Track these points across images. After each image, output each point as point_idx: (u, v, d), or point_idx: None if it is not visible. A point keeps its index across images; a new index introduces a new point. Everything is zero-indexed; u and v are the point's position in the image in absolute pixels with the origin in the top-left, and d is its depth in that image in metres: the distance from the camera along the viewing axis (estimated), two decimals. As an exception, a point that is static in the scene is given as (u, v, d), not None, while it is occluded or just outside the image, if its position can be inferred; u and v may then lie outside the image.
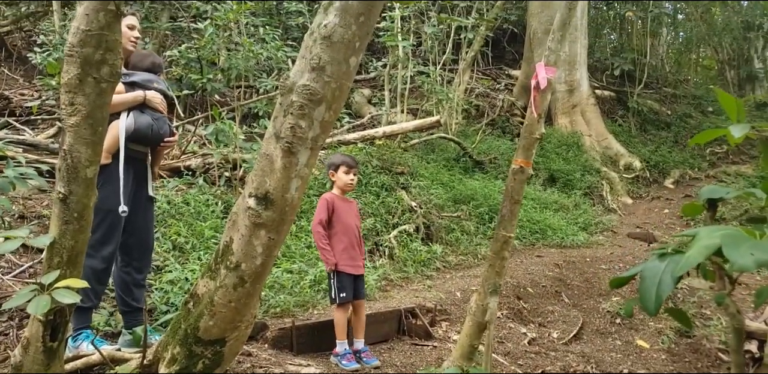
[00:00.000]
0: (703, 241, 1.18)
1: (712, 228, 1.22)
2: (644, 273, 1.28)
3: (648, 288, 1.25)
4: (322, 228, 3.42)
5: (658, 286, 1.23)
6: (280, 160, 2.08)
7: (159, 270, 4.07)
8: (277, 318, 3.75)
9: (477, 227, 6.60)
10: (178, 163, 6.13)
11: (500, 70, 13.84)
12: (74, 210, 1.94)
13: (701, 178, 10.94)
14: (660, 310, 1.26)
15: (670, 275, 1.23)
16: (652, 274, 1.27)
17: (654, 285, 1.24)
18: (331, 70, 2.03)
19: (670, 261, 1.26)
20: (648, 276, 1.27)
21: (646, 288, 1.25)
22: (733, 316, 1.38)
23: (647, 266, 1.29)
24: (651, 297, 1.23)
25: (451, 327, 4.25)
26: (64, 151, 1.92)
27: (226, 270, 2.17)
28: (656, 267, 1.27)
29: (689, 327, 1.37)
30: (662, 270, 1.25)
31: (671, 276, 1.22)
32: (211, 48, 6.30)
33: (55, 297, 1.72)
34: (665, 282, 1.23)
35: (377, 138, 6.86)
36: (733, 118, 1.54)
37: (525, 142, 2.30)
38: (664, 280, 1.23)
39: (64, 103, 1.90)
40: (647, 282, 1.26)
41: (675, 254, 1.29)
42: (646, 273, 1.28)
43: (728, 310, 1.38)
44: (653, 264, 1.29)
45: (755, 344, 4.33)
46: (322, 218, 3.42)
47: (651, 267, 1.29)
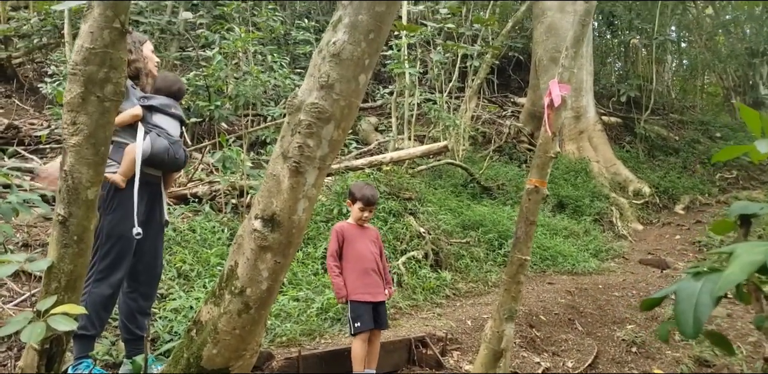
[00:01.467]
0: (743, 258, 1.09)
1: (752, 244, 1.14)
2: (680, 294, 1.19)
3: (685, 311, 1.15)
4: (333, 259, 3.37)
5: (696, 308, 1.14)
6: (287, 180, 2.01)
7: (163, 298, 3.98)
8: (283, 347, 3.62)
9: (487, 253, 6.48)
10: (185, 191, 6.09)
11: (506, 97, 13.91)
12: (74, 233, 1.87)
13: (712, 204, 10.80)
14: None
15: (708, 295, 1.13)
16: (688, 295, 1.17)
17: (691, 306, 1.15)
18: (340, 87, 1.99)
19: (706, 281, 1.18)
20: (684, 298, 1.17)
21: (683, 310, 1.16)
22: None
23: (682, 286, 1.20)
24: (689, 320, 1.13)
25: (463, 357, 4.10)
26: (65, 172, 1.86)
27: (230, 295, 2.08)
28: (692, 287, 1.18)
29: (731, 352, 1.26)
30: (699, 290, 1.16)
31: (710, 296, 1.13)
32: (218, 76, 6.33)
33: (50, 325, 1.63)
34: (703, 304, 1.14)
35: (385, 164, 6.81)
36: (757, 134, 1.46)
37: (539, 161, 2.23)
38: (701, 301, 1.14)
39: (66, 122, 1.86)
40: (684, 303, 1.17)
41: (711, 273, 1.20)
42: (682, 294, 1.18)
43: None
44: (688, 284, 1.20)
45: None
46: (334, 249, 3.38)
47: (686, 287, 1.19)
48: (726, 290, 1.08)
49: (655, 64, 14.34)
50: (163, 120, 3.13)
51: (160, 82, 3.25)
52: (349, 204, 3.51)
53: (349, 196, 3.50)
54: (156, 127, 3.09)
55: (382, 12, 1.98)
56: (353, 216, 3.49)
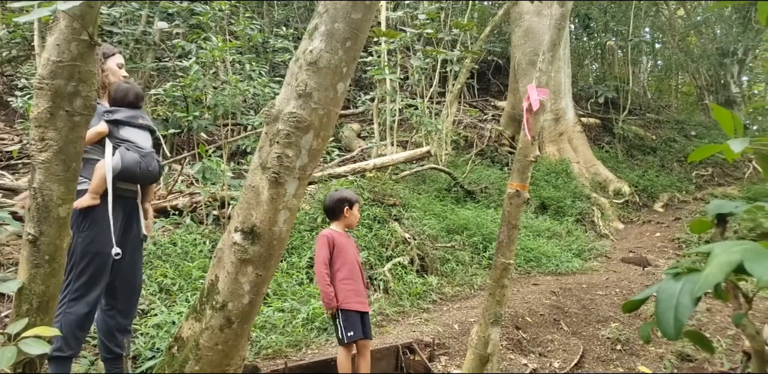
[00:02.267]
0: (721, 257, 1.09)
1: (729, 244, 1.14)
2: (660, 295, 1.18)
3: (665, 311, 1.15)
4: (325, 266, 3.25)
5: (676, 309, 1.14)
6: (266, 191, 1.99)
7: (144, 313, 3.91)
8: (268, 359, 3.58)
9: (472, 257, 6.48)
10: (165, 203, 6.01)
11: (486, 101, 13.99)
12: (45, 253, 1.81)
13: (689, 201, 10.96)
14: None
15: (688, 296, 1.13)
16: (668, 296, 1.17)
17: (671, 307, 1.15)
18: (318, 96, 1.97)
19: (686, 281, 1.18)
20: (664, 298, 1.17)
21: (663, 310, 1.16)
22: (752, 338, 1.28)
23: (662, 287, 1.20)
24: (669, 321, 1.13)
25: (451, 362, 4.09)
26: (35, 190, 1.81)
27: (211, 310, 2.05)
28: (672, 288, 1.18)
29: (711, 351, 1.27)
30: (679, 291, 1.16)
31: (690, 296, 1.13)
32: (196, 85, 6.27)
33: (22, 348, 1.58)
34: (683, 304, 1.13)
35: (368, 170, 6.80)
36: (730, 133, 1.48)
37: (519, 165, 2.23)
38: (682, 302, 1.14)
39: (34, 138, 1.81)
40: (664, 304, 1.16)
41: (690, 273, 1.20)
42: (662, 295, 1.18)
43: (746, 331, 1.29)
44: (668, 285, 1.20)
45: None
46: (324, 256, 3.25)
47: (666, 288, 1.19)
48: (705, 290, 1.07)
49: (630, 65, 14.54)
50: (131, 133, 3.06)
51: (114, 93, 3.11)
52: (348, 211, 3.40)
53: (344, 203, 3.39)
54: (125, 140, 3.02)
55: (359, 19, 1.97)
56: (353, 220, 3.43)
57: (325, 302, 3.23)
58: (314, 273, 4.94)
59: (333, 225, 3.45)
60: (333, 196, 3.46)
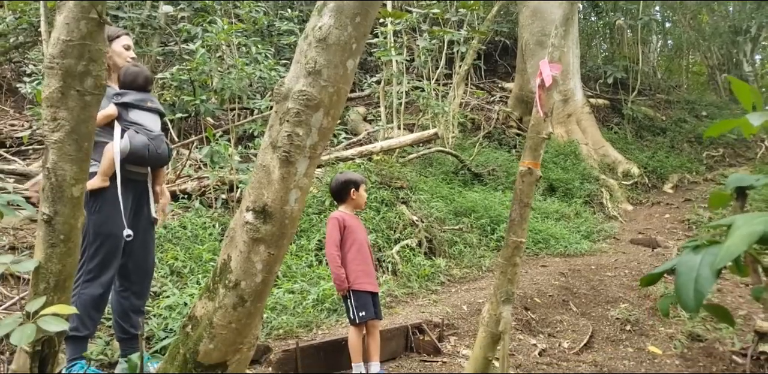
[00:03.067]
0: (743, 229, 1.08)
1: (751, 215, 1.12)
2: (680, 268, 1.18)
3: (685, 284, 1.15)
4: (336, 248, 3.26)
5: (696, 281, 1.13)
6: (277, 170, 1.97)
7: (157, 295, 3.95)
8: (280, 340, 3.61)
9: (480, 239, 6.49)
10: (174, 187, 6.03)
11: (493, 83, 13.87)
12: (60, 232, 1.82)
13: (699, 182, 10.89)
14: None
15: (708, 268, 1.13)
16: (688, 269, 1.16)
17: (691, 280, 1.14)
18: (327, 73, 1.94)
19: (706, 254, 1.17)
20: (684, 271, 1.16)
21: (683, 283, 1.15)
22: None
23: (682, 260, 1.19)
24: (689, 294, 1.13)
25: (460, 342, 4.11)
26: (48, 170, 1.81)
27: (224, 289, 2.05)
28: (692, 260, 1.17)
29: (732, 324, 1.26)
30: (699, 264, 1.15)
31: (710, 269, 1.12)
32: (203, 69, 6.24)
33: (41, 326, 1.59)
34: (704, 277, 1.13)
35: (375, 153, 6.78)
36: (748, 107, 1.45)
37: (531, 142, 2.21)
38: (702, 274, 1.13)
39: (46, 118, 1.81)
40: (684, 277, 1.16)
41: (710, 246, 1.19)
42: (682, 268, 1.17)
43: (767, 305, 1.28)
44: (688, 258, 1.19)
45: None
46: (336, 238, 3.27)
47: (686, 261, 1.18)
48: (727, 262, 1.06)
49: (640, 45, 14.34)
50: (140, 116, 3.06)
51: (123, 76, 3.11)
52: (354, 193, 3.38)
53: (352, 185, 3.39)
54: (134, 123, 3.02)
55: (368, -6, 1.93)
56: (361, 202, 3.44)
57: (336, 284, 3.25)
58: (325, 255, 4.98)
59: (342, 208, 3.45)
60: (338, 179, 3.46)
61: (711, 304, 1.26)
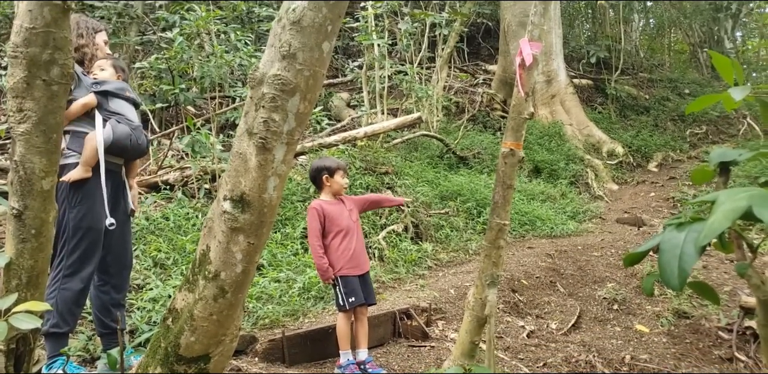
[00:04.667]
0: (726, 205, 1.05)
1: (734, 191, 1.10)
2: (663, 245, 1.15)
3: (669, 262, 1.12)
4: (317, 238, 3.23)
5: (680, 259, 1.11)
6: (254, 157, 1.93)
7: (140, 288, 3.89)
8: (266, 329, 3.59)
9: (466, 222, 6.48)
10: (155, 178, 5.94)
11: (477, 65, 13.80)
12: (31, 227, 1.76)
13: (683, 160, 10.95)
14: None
15: (692, 245, 1.10)
16: (671, 246, 1.14)
17: (675, 257, 1.12)
18: (303, 57, 1.89)
19: (689, 231, 1.14)
20: (667, 249, 1.14)
21: (667, 261, 1.13)
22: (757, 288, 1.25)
23: (665, 238, 1.17)
24: (674, 272, 1.11)
25: (448, 326, 4.11)
26: (16, 163, 1.75)
27: (204, 280, 2.01)
28: (675, 238, 1.15)
29: (716, 302, 1.25)
30: (683, 241, 1.13)
31: (694, 246, 1.10)
32: (181, 57, 6.12)
33: (13, 324, 1.55)
34: (688, 254, 1.10)
35: (359, 138, 6.72)
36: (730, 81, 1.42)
37: (513, 122, 2.18)
38: (686, 252, 1.11)
39: (12, 109, 1.74)
40: (667, 254, 1.13)
41: (694, 222, 1.17)
42: (665, 245, 1.15)
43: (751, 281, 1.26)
44: (671, 235, 1.16)
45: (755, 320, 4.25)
46: (316, 228, 3.23)
47: (669, 238, 1.16)
48: (711, 238, 1.04)
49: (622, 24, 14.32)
50: (120, 105, 3.00)
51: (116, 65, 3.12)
52: (327, 180, 3.35)
53: (324, 171, 3.35)
54: (114, 113, 2.95)
55: (341, -27, 1.88)
56: (337, 188, 3.37)
57: (320, 274, 3.23)
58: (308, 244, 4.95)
59: (322, 195, 3.42)
60: (313, 165, 3.44)
61: (695, 282, 1.25)
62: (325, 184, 3.36)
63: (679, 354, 3.92)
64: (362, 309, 3.30)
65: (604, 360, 3.68)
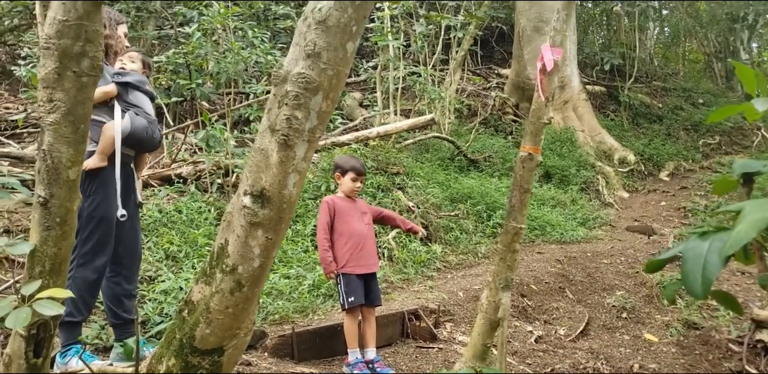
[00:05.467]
0: (753, 215, 1.06)
1: (761, 202, 1.11)
2: (686, 254, 1.16)
3: (692, 271, 1.13)
4: (324, 232, 3.26)
5: (704, 268, 1.12)
6: (275, 154, 1.95)
7: (152, 280, 3.93)
8: (276, 325, 3.61)
9: (476, 225, 6.48)
10: (169, 172, 5.99)
11: (490, 69, 13.78)
12: (56, 215, 1.79)
13: (695, 170, 10.88)
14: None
15: (717, 255, 1.11)
16: (695, 255, 1.15)
17: (699, 266, 1.13)
18: (327, 56, 1.91)
19: (714, 240, 1.15)
20: (691, 258, 1.15)
21: (690, 270, 1.13)
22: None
23: (688, 246, 1.18)
24: (697, 280, 1.11)
25: (456, 328, 4.12)
26: (44, 152, 1.78)
27: (221, 274, 2.03)
28: (699, 247, 1.16)
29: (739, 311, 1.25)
30: (707, 250, 1.13)
31: (718, 255, 1.10)
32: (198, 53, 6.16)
33: (36, 309, 1.57)
34: (712, 263, 1.11)
35: (371, 138, 6.74)
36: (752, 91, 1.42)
37: (533, 127, 2.19)
38: (710, 261, 1.12)
39: (42, 99, 1.77)
40: (691, 263, 1.14)
41: (718, 232, 1.17)
42: (689, 254, 1.16)
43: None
44: (695, 244, 1.17)
45: (767, 333, 4.23)
46: (325, 221, 3.28)
47: (693, 247, 1.17)
48: (737, 248, 1.05)
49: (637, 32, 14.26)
50: (139, 98, 3.04)
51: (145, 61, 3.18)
52: (338, 178, 3.40)
53: (337, 169, 3.40)
54: (134, 105, 2.99)
55: (368, -25, 1.90)
56: (345, 189, 3.40)
57: (323, 266, 3.24)
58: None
59: (338, 191, 3.47)
60: (333, 161, 3.54)
61: (718, 291, 1.25)
62: (338, 181, 3.45)
63: (689, 365, 3.91)
64: (369, 309, 3.31)
65: (612, 368, 3.68)
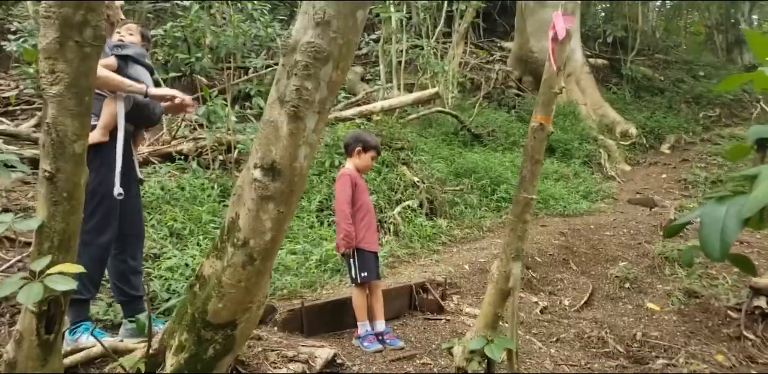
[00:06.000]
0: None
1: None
2: (704, 218, 1.16)
3: (710, 235, 1.13)
4: (348, 206, 3.24)
5: (722, 231, 1.12)
6: (285, 126, 1.92)
7: (156, 257, 3.92)
8: (284, 300, 3.63)
9: (480, 200, 6.49)
10: (169, 148, 5.96)
11: (492, 42, 13.61)
12: (63, 190, 1.77)
13: (696, 142, 10.83)
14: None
15: (735, 218, 1.11)
16: (713, 219, 1.15)
17: (717, 230, 1.13)
18: (337, 24, 1.87)
19: (731, 204, 1.15)
20: (709, 222, 1.15)
21: (709, 233, 1.13)
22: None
23: (706, 211, 1.17)
24: (715, 244, 1.11)
25: (463, 300, 4.16)
26: (48, 125, 1.75)
27: (233, 248, 2.03)
28: (717, 211, 1.15)
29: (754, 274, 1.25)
30: (725, 214, 1.13)
31: (737, 219, 1.10)
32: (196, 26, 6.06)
33: (48, 285, 1.57)
34: (730, 227, 1.11)
35: (375, 113, 6.69)
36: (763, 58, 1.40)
37: (544, 97, 2.16)
38: (728, 225, 1.12)
39: (44, 70, 1.73)
40: (709, 227, 1.14)
41: (735, 196, 1.17)
42: (707, 218, 1.15)
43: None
44: (713, 209, 1.17)
45: (764, 300, 4.28)
46: (348, 195, 3.24)
47: (711, 211, 1.16)
48: (755, 211, 1.05)
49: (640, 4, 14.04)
50: (140, 72, 2.96)
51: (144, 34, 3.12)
52: (359, 153, 3.36)
53: (359, 144, 3.35)
54: (134, 79, 2.92)
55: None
56: (362, 165, 3.39)
57: (346, 241, 3.21)
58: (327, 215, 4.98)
59: (348, 164, 3.44)
60: (353, 134, 3.50)
61: (735, 254, 1.25)
62: (354, 155, 3.38)
63: (689, 332, 3.96)
64: (377, 283, 3.35)
65: (616, 337, 3.72)
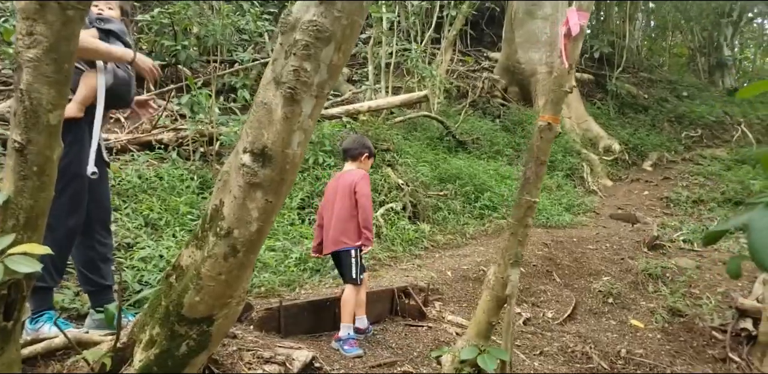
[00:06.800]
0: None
1: None
2: (754, 224, 1.04)
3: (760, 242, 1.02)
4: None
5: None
6: (280, 109, 1.78)
7: (130, 247, 3.73)
8: (261, 298, 3.47)
9: (463, 206, 6.39)
10: (149, 137, 5.74)
11: (479, 51, 13.61)
12: (33, 164, 1.60)
13: (678, 161, 10.96)
14: None
15: (788, 225, 1.00)
16: (763, 225, 1.03)
17: (767, 237, 1.01)
18: (342, 3, 1.73)
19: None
20: (758, 228, 1.03)
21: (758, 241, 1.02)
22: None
23: (755, 216, 1.06)
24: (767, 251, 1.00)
25: (445, 307, 4.03)
26: (21, 91, 1.57)
27: (215, 237, 1.87)
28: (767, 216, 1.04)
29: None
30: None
31: (790, 225, 0.99)
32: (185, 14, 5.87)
33: (9, 266, 1.40)
34: (785, 234, 1.00)
35: (362, 112, 6.56)
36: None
37: (554, 95, 2.06)
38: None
39: (21, 32, 1.56)
40: (759, 234, 1.03)
41: (788, 201, 1.06)
42: (757, 224, 1.04)
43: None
44: (762, 214, 1.05)
45: (750, 321, 4.24)
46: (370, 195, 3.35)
47: (759, 217, 1.05)
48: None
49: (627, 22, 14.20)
50: None
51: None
52: (366, 159, 3.44)
53: (367, 150, 3.44)
54: None
55: None
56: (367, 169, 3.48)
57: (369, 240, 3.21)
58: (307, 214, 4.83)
59: (347, 165, 3.42)
60: (358, 139, 3.51)
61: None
62: (362, 160, 3.42)
63: (674, 351, 3.89)
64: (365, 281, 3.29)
65: (600, 353, 3.63)
